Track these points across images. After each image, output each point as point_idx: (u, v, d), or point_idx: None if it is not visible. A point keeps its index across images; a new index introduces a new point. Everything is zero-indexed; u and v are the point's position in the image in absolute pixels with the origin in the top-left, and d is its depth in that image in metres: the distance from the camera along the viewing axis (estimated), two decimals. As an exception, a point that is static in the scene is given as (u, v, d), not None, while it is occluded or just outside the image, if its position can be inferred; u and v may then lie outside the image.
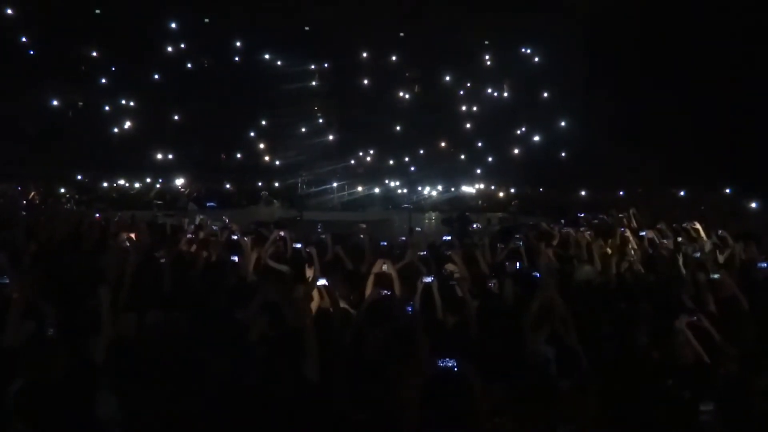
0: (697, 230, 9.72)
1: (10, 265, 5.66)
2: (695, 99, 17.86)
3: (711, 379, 4.12)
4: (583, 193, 21.97)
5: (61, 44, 22.01)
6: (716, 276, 6.42)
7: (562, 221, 13.17)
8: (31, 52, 21.92)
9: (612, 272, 7.33)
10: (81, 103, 23.32)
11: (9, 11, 20.87)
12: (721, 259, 7.94)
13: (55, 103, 22.36)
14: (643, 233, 9.56)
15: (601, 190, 21.25)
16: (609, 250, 8.68)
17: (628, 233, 9.28)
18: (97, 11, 22.00)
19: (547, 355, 4.51)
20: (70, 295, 5.14)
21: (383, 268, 6.17)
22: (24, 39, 21.74)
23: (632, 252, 8.66)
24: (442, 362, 3.25)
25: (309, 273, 6.69)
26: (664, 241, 9.32)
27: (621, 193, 20.69)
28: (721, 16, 17.03)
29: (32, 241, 7.71)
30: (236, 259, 7.07)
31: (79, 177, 22.29)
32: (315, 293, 5.63)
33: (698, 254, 7.81)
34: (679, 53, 18.07)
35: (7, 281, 4.96)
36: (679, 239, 9.35)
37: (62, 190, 20.31)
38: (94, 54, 22.86)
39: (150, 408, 3.67)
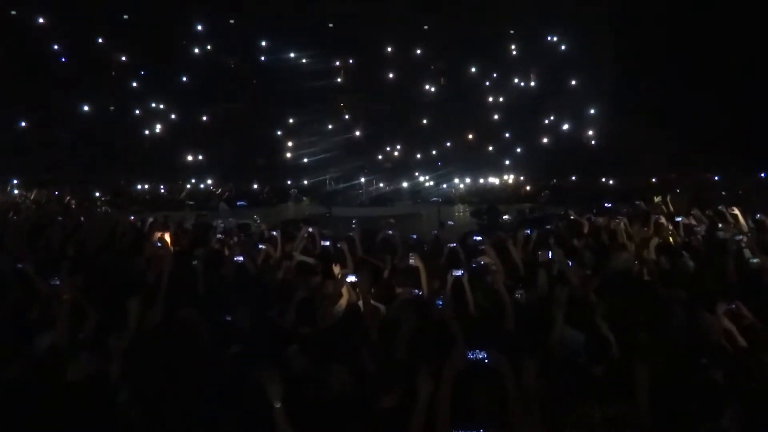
0: (735, 215, 9.47)
1: (50, 268, 5.81)
2: (727, 82, 17.45)
3: (747, 367, 4.03)
4: (612, 181, 21.62)
5: (91, 51, 22.46)
6: (756, 261, 6.28)
7: (594, 211, 12.96)
8: (63, 60, 22.38)
9: (648, 259, 7.21)
10: (112, 108, 23.75)
11: (41, 20, 21.35)
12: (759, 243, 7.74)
13: (86, 108, 22.81)
14: (679, 219, 9.38)
15: (634, 176, 20.88)
16: (644, 238, 8.54)
17: (662, 220, 9.09)
18: (125, 17, 22.34)
19: (578, 343, 4.46)
20: (108, 298, 5.24)
21: (411, 261, 6.16)
22: (55, 47, 22.21)
23: (668, 238, 8.50)
24: (473, 354, 3.24)
25: (337, 270, 6.70)
26: (700, 227, 9.13)
27: (654, 179, 20.31)
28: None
29: (70, 245, 7.89)
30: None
31: (113, 180, 22.70)
32: (344, 289, 5.65)
33: (738, 239, 7.59)
34: (710, 35, 17.64)
35: (59, 283, 5.11)
36: (720, 225, 9.13)
37: (97, 194, 20.72)
38: (124, 59, 23.25)
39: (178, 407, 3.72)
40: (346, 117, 24.98)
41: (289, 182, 23.98)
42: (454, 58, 24.52)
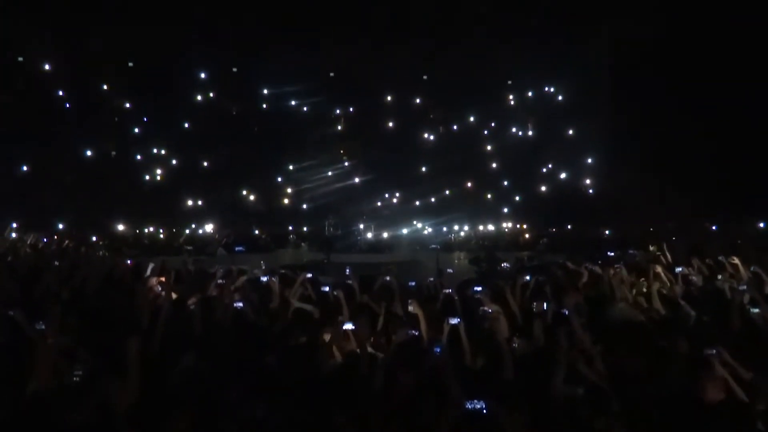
0: (735, 265, 9.47)
1: (43, 311, 5.75)
2: (723, 131, 17.64)
3: (742, 417, 3.99)
4: (607, 232, 21.67)
5: (94, 96, 22.76)
6: (757, 310, 6.29)
7: (592, 259, 12.93)
8: (67, 105, 22.65)
9: (648, 309, 7.18)
10: (114, 153, 23.91)
11: (47, 66, 21.72)
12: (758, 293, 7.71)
13: (88, 153, 22.97)
14: (679, 269, 9.37)
15: (632, 225, 20.92)
16: (644, 288, 8.52)
17: (659, 269, 9.08)
18: (130, 64, 22.73)
19: (577, 395, 4.40)
20: (103, 341, 5.19)
21: (410, 308, 6.14)
22: (60, 93, 22.51)
23: (667, 288, 8.47)
24: (471, 404, 3.21)
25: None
26: (696, 276, 9.14)
27: (651, 228, 20.34)
28: (749, 46, 16.88)
29: (65, 288, 7.84)
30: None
31: (111, 225, 22.65)
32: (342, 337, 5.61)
33: (742, 288, 7.56)
34: (707, 84, 17.89)
35: (44, 327, 5.04)
36: (720, 277, 9.13)
37: (94, 238, 20.67)
38: (127, 105, 23.53)
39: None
40: (346, 164, 25.17)
41: (288, 228, 24.03)
42: (452, 107, 24.89)
